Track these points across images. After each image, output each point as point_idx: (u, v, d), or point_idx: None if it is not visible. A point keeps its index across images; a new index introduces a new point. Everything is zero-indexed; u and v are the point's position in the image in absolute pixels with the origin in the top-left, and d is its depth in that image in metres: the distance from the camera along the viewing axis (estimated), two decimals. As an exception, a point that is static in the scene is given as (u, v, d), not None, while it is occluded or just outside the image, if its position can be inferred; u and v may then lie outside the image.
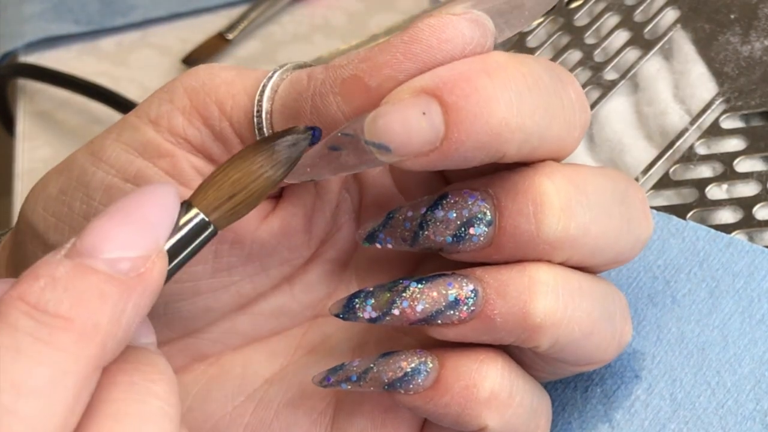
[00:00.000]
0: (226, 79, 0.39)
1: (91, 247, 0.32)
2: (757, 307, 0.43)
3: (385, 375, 0.38)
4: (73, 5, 0.74)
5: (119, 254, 0.32)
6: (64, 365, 0.30)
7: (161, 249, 0.33)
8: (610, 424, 0.42)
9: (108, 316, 0.31)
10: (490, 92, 0.35)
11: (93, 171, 0.39)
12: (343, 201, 0.41)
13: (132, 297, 0.32)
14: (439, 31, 0.36)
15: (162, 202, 0.33)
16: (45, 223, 0.40)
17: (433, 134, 0.35)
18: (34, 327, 0.30)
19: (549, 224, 0.36)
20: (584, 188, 0.37)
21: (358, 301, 0.38)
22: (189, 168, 0.39)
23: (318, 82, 0.37)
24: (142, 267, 0.32)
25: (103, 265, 0.31)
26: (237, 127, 0.38)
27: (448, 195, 0.37)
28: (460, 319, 0.37)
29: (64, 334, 0.30)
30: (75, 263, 0.31)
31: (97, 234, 0.32)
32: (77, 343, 0.30)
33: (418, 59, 0.36)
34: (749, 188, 0.48)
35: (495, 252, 0.37)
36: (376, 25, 0.71)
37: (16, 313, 0.30)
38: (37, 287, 0.31)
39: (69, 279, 0.31)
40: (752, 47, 0.52)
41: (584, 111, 0.38)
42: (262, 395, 0.41)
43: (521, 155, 0.36)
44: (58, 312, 0.30)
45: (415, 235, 0.38)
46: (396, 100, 0.35)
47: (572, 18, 0.55)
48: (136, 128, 0.39)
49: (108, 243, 0.32)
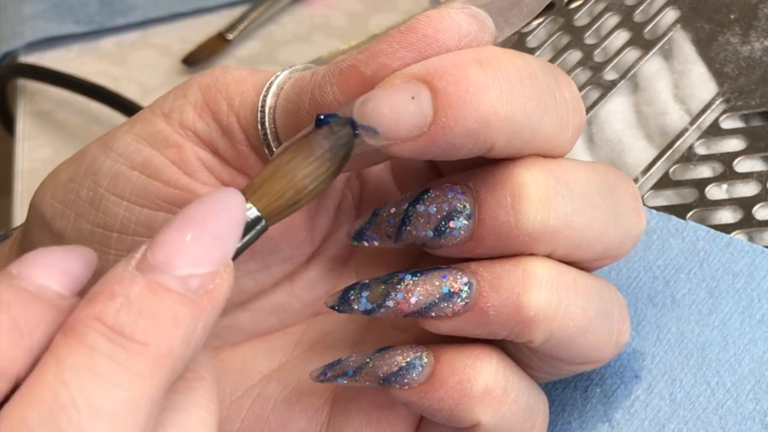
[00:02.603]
0: (238, 77, 0.39)
1: (164, 263, 0.32)
2: (757, 307, 0.43)
3: (381, 369, 0.38)
4: (73, 5, 0.74)
5: (190, 271, 0.32)
6: (140, 390, 0.30)
7: (229, 263, 0.33)
8: (610, 424, 0.42)
9: (180, 339, 0.31)
10: (480, 80, 0.35)
11: (102, 159, 0.40)
12: (344, 199, 0.41)
13: (202, 317, 0.32)
14: (436, 22, 0.36)
15: (232, 213, 0.33)
16: (52, 210, 0.40)
17: (420, 119, 0.35)
18: (112, 350, 0.30)
19: (527, 215, 0.36)
20: (565, 179, 0.37)
21: (353, 293, 0.38)
22: (194, 159, 0.39)
23: (319, 77, 0.37)
24: (211, 284, 0.32)
25: (176, 284, 0.32)
26: (243, 122, 0.39)
27: (430, 190, 0.38)
28: (453, 312, 0.37)
29: (140, 359, 0.31)
30: (148, 282, 0.31)
31: (169, 248, 0.32)
32: (152, 368, 0.31)
33: (413, 48, 0.36)
34: (749, 188, 0.48)
35: (476, 245, 0.37)
36: (376, 25, 0.71)
37: (94, 333, 0.31)
38: (113, 308, 0.31)
39: (144, 299, 0.31)
40: (752, 47, 0.52)
41: (578, 113, 0.38)
42: (260, 391, 0.41)
43: (511, 148, 0.36)
44: (135, 335, 0.31)
45: (398, 231, 0.38)
46: (387, 85, 0.35)
47: (572, 18, 0.55)
48: (148, 120, 0.40)
49: (180, 259, 0.32)
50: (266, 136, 0.38)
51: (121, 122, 0.42)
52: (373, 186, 0.41)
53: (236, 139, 0.39)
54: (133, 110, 0.66)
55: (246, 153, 0.39)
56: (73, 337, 0.31)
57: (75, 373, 0.30)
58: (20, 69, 0.72)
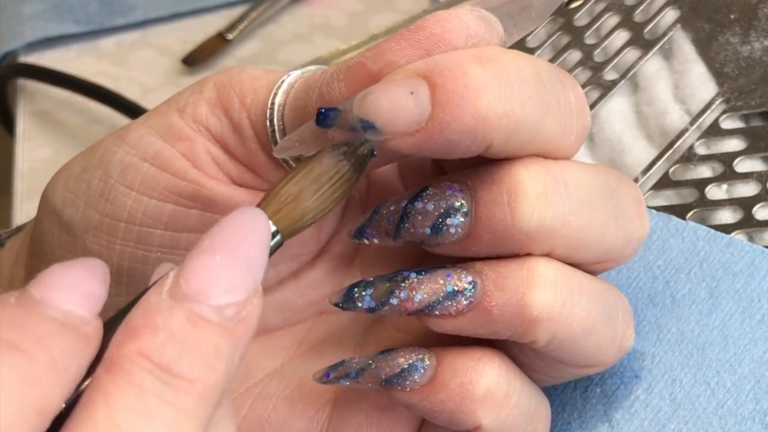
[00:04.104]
0: (252, 75, 0.40)
1: (199, 292, 0.31)
2: (757, 307, 0.43)
3: (383, 371, 0.38)
4: (73, 5, 0.74)
5: (226, 300, 0.32)
6: (188, 428, 0.30)
7: (259, 288, 0.33)
8: (610, 424, 0.42)
9: (222, 373, 0.31)
10: (479, 77, 0.35)
11: (114, 151, 0.40)
12: (351, 198, 0.41)
13: (239, 347, 0.32)
14: (444, 21, 0.36)
15: (260, 235, 0.33)
16: (63, 200, 0.41)
17: (418, 114, 0.35)
18: (161, 389, 0.30)
19: (523, 213, 0.36)
20: (564, 179, 0.37)
21: (357, 291, 0.38)
22: (205, 153, 0.39)
23: (327, 74, 0.38)
24: (244, 311, 0.32)
25: (213, 314, 0.31)
26: (253, 119, 0.39)
27: (429, 188, 0.38)
28: (457, 311, 0.37)
29: (188, 397, 0.31)
30: (187, 313, 0.31)
31: (202, 276, 0.32)
32: (198, 405, 0.31)
33: (420, 46, 0.36)
34: (749, 188, 0.48)
35: (473, 243, 0.37)
36: (376, 25, 0.71)
37: (141, 372, 0.30)
38: (158, 343, 0.31)
39: (186, 333, 0.31)
40: (752, 47, 0.52)
41: (583, 117, 0.38)
42: (262, 389, 0.41)
43: (510, 147, 0.36)
44: (182, 372, 0.31)
45: (397, 229, 0.38)
46: (388, 81, 0.35)
47: (572, 18, 0.55)
48: (163, 114, 0.40)
49: (214, 287, 0.32)
50: (274, 133, 0.38)
51: (121, 122, 0.42)
52: (379, 185, 0.41)
53: (246, 136, 0.39)
54: (133, 110, 0.66)
55: (254, 150, 0.39)
56: (120, 375, 0.30)
57: (126, 416, 0.30)
58: (20, 69, 0.72)
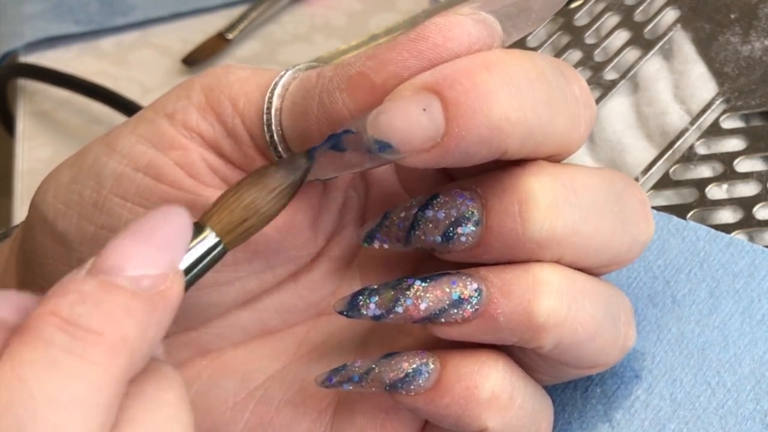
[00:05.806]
0: (241, 77, 0.39)
1: (114, 266, 0.32)
2: (757, 307, 0.43)
3: (387, 375, 0.38)
4: (73, 5, 0.74)
5: (141, 272, 0.32)
6: (98, 379, 0.30)
7: (178, 269, 0.33)
8: (610, 424, 0.42)
9: (135, 330, 0.31)
10: (489, 86, 0.35)
11: (105, 161, 0.40)
12: (349, 199, 0.41)
13: (155, 313, 0.32)
14: (446, 30, 0.36)
15: (176, 223, 0.33)
16: (54, 211, 0.40)
17: (433, 130, 0.35)
18: (68, 341, 0.31)
19: (534, 223, 0.36)
20: (573, 187, 0.37)
21: (362, 299, 0.38)
22: (200, 161, 0.39)
23: (326, 80, 0.37)
24: (162, 285, 0.32)
25: (127, 282, 0.32)
26: (248, 124, 0.39)
27: (439, 195, 0.38)
28: (463, 318, 0.37)
29: (95, 348, 0.31)
30: (100, 280, 0.32)
31: (118, 254, 0.32)
32: (107, 357, 0.31)
33: (423, 57, 0.36)
34: (749, 188, 0.48)
35: (484, 252, 0.37)
36: (376, 25, 0.71)
37: (50, 328, 0.31)
38: (67, 302, 0.31)
39: (96, 294, 0.31)
40: (752, 47, 0.52)
41: (589, 107, 0.38)
42: (264, 392, 0.41)
43: (525, 151, 0.36)
44: (90, 326, 0.31)
45: (408, 235, 0.38)
46: (398, 97, 0.35)
47: (572, 18, 0.55)
48: (151, 121, 0.40)
49: (129, 262, 0.32)
50: (273, 138, 0.38)
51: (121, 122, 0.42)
52: (378, 186, 0.41)
53: (241, 141, 0.39)
54: (133, 110, 0.66)
55: (251, 154, 0.39)
56: (28, 334, 0.31)
57: (32, 368, 0.30)
58: (20, 69, 0.72)
